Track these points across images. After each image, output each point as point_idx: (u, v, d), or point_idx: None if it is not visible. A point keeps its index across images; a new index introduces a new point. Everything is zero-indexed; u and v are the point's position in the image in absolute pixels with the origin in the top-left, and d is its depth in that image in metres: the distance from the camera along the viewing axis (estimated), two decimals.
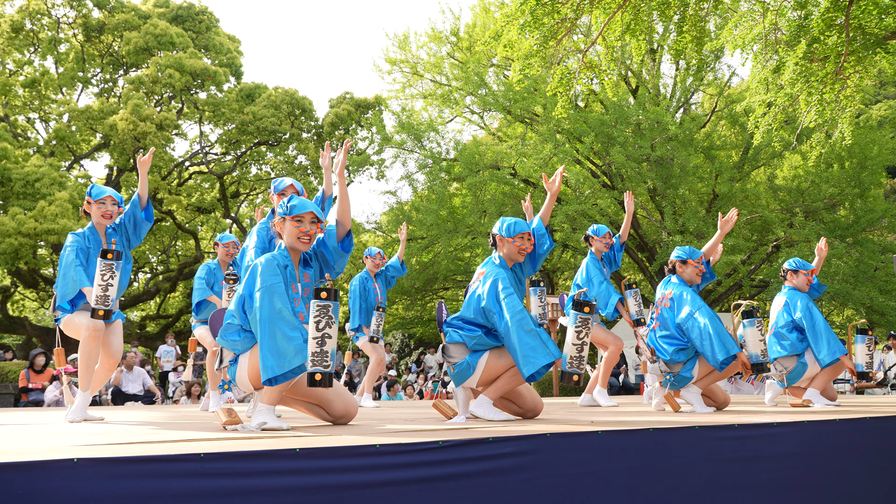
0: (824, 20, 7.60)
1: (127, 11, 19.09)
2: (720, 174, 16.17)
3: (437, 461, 2.51)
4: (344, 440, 2.60)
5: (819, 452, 3.56)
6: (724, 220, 5.12)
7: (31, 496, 1.93)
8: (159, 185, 19.67)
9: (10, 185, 14.96)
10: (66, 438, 2.94)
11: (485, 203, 16.37)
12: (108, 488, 2.01)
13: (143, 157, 4.58)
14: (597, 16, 8.27)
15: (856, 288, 15.31)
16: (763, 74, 8.50)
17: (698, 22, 8.34)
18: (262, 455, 2.25)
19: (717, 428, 3.27)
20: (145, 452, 2.21)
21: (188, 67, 17.93)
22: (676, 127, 15.50)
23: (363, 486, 2.35)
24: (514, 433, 2.79)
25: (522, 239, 4.06)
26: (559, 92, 8.52)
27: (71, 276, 4.31)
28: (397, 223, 17.66)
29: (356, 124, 19.78)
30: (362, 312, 6.72)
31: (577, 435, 2.94)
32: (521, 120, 17.29)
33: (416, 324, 21.20)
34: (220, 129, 20.21)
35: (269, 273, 3.28)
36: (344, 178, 3.72)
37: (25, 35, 18.61)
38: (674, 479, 3.06)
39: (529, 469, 2.70)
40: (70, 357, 8.07)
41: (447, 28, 18.94)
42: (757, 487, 3.25)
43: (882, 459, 3.78)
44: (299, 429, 3.28)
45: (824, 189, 16.25)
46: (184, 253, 23.19)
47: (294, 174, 21.22)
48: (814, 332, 5.42)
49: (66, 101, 19.50)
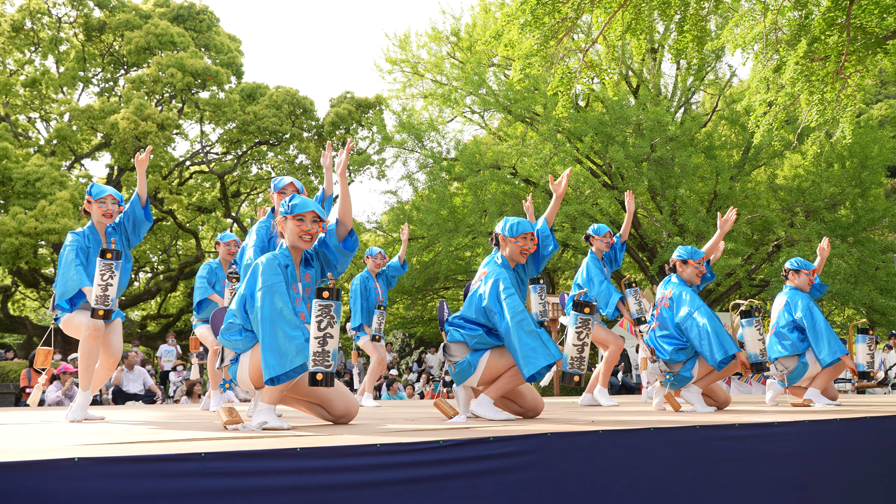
0: (825, 19, 7.60)
1: (128, 11, 19.09)
2: (721, 174, 16.16)
3: (438, 461, 2.51)
4: (344, 440, 2.61)
5: (820, 452, 3.56)
6: (724, 220, 5.13)
7: (32, 495, 1.93)
8: (160, 185, 19.67)
9: (11, 184, 14.96)
10: (66, 438, 2.94)
11: (485, 203, 16.37)
12: (109, 487, 2.01)
13: (141, 155, 4.56)
14: (597, 15, 8.26)
15: (856, 287, 15.30)
16: (764, 74, 8.50)
17: (699, 21, 8.33)
18: (262, 455, 2.25)
19: (717, 427, 3.28)
20: (146, 452, 2.21)
21: (190, 67, 17.94)
22: (677, 127, 15.49)
23: (364, 485, 2.35)
24: (514, 433, 2.79)
25: (525, 239, 4.05)
26: (560, 91, 8.52)
27: (70, 276, 4.31)
28: (398, 223, 17.65)
29: (357, 124, 19.78)
30: (363, 312, 6.72)
31: (578, 434, 2.94)
32: (521, 119, 17.28)
33: (417, 323, 21.20)
34: (220, 129, 20.21)
35: (270, 272, 3.28)
36: (346, 177, 3.72)
37: (26, 34, 18.61)
38: (674, 478, 3.06)
39: (530, 469, 2.70)
40: (70, 356, 8.08)
41: (447, 28, 18.95)
42: (757, 487, 3.25)
43: (883, 459, 3.78)
44: (300, 428, 3.28)
45: (825, 188, 16.24)
46: (184, 252, 23.19)
47: (295, 174, 21.21)
48: (814, 332, 5.42)
49: (67, 100, 19.50)
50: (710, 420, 3.56)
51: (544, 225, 4.17)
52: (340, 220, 3.57)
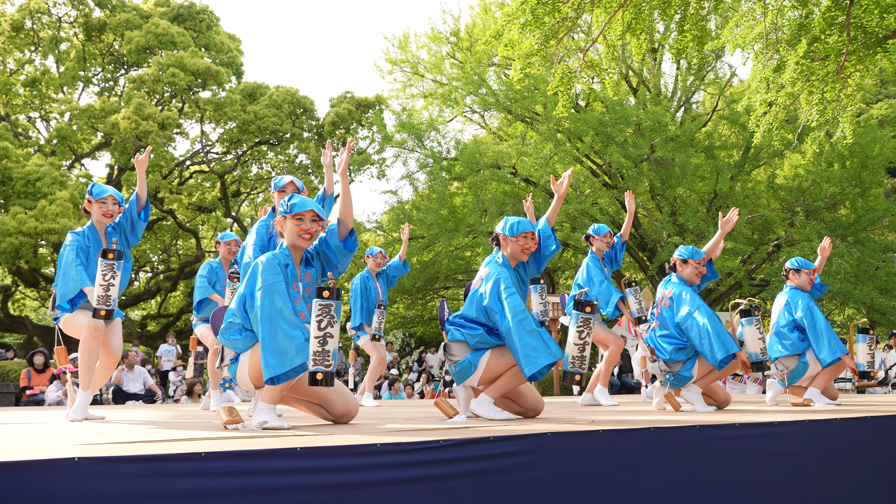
0: (825, 19, 7.60)
1: (128, 11, 19.09)
2: (721, 173, 16.16)
3: (438, 460, 2.51)
4: (345, 439, 2.61)
5: (820, 452, 3.56)
6: (725, 220, 5.13)
7: (32, 495, 1.93)
8: (160, 185, 19.66)
9: (11, 184, 14.96)
10: (67, 438, 2.94)
11: (485, 202, 16.37)
12: (110, 487, 2.01)
13: (141, 156, 4.56)
14: (597, 15, 8.26)
15: (857, 287, 15.29)
16: (764, 74, 8.49)
17: (699, 21, 8.33)
18: (262, 454, 2.25)
19: (717, 427, 3.28)
20: (146, 451, 2.21)
21: (191, 66, 17.94)
22: (677, 127, 15.48)
23: (364, 485, 2.35)
24: (514, 432, 2.79)
25: (526, 238, 4.05)
26: (560, 91, 8.52)
27: (71, 276, 4.31)
28: (398, 222, 17.65)
29: (357, 124, 19.78)
30: (363, 311, 6.72)
31: (578, 434, 2.94)
32: (521, 119, 17.28)
33: (417, 323, 21.20)
34: (221, 129, 20.22)
35: (269, 272, 3.28)
36: (346, 177, 3.72)
37: (26, 34, 18.61)
38: (675, 478, 3.06)
39: (530, 468, 2.70)
40: (71, 356, 8.07)
41: (447, 28, 18.94)
42: (758, 487, 3.25)
43: (883, 459, 3.78)
44: (300, 428, 3.28)
45: (825, 188, 16.23)
46: (185, 252, 23.19)
47: (295, 173, 21.20)
48: (814, 332, 5.42)
49: (67, 100, 19.50)
50: (711, 420, 3.56)
51: (546, 225, 4.17)
52: (342, 220, 3.56)
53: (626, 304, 5.97)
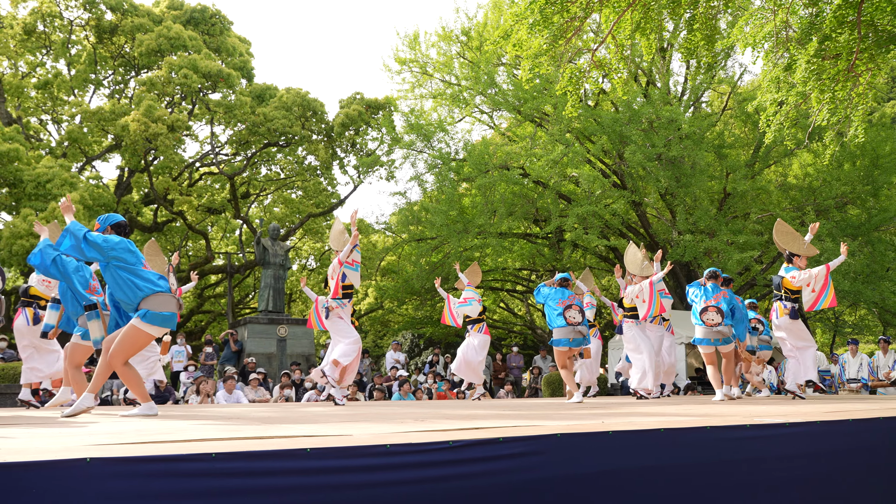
0: (836, 17, 7.54)
1: (141, 15, 19.19)
2: (731, 172, 16.06)
3: (448, 461, 2.51)
4: (354, 440, 2.61)
5: (831, 452, 3.54)
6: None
7: (45, 495, 1.94)
8: (170, 186, 19.76)
9: (22, 186, 15.05)
10: (79, 438, 2.96)
11: (494, 203, 16.32)
12: (121, 487, 2.02)
13: (64, 201, 4.80)
14: (606, 14, 8.23)
15: (868, 287, 15.16)
16: (774, 72, 8.44)
17: (709, 20, 8.28)
18: (273, 455, 2.26)
19: (728, 428, 3.26)
20: (157, 452, 2.22)
21: (203, 68, 18.01)
22: (689, 125, 15.40)
23: (373, 485, 2.35)
24: (524, 433, 2.79)
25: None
26: (569, 91, 8.49)
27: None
28: (407, 224, 17.64)
29: (366, 125, 19.81)
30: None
31: (588, 435, 2.93)
32: (530, 119, 17.23)
33: (426, 324, 21.18)
34: (230, 130, 20.30)
35: None
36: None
37: (38, 37, 18.75)
38: (685, 478, 3.05)
39: (540, 469, 2.69)
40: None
41: (458, 27, 18.92)
42: (768, 486, 3.23)
43: (893, 458, 3.75)
44: (310, 426, 3.28)
45: (836, 187, 16.08)
46: (194, 253, 23.28)
47: (303, 174, 21.29)
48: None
49: (79, 102, 19.63)
50: (721, 421, 3.54)
51: None
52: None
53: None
